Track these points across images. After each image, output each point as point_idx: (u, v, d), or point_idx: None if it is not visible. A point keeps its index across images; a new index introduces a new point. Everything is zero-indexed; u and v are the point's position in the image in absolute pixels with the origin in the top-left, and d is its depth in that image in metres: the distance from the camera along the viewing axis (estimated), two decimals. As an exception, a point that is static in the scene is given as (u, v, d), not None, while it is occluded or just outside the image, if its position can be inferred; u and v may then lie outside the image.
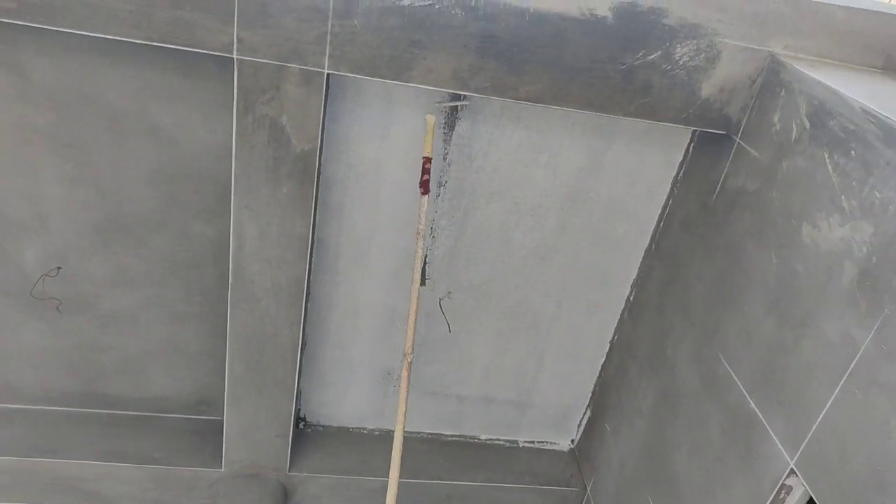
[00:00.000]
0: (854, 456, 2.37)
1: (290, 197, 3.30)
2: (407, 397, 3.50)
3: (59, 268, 3.74)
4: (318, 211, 3.62)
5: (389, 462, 4.51)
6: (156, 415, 4.42)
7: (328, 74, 2.98)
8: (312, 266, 3.84)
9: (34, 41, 3.10)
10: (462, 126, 3.56)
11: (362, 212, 3.77)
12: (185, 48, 2.85)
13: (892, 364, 2.25)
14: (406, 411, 3.52)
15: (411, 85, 3.01)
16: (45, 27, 2.76)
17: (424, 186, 3.56)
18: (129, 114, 3.34)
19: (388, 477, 4.43)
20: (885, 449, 2.24)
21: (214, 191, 3.62)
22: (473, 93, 3.04)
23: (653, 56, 2.99)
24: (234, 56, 2.87)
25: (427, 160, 3.56)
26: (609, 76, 3.02)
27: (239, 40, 2.83)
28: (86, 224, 3.64)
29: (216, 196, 3.63)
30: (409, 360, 3.49)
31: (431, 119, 3.54)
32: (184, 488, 4.31)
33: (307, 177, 3.25)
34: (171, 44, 2.83)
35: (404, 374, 3.51)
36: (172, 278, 3.90)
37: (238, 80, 2.95)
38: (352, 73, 2.95)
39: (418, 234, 3.54)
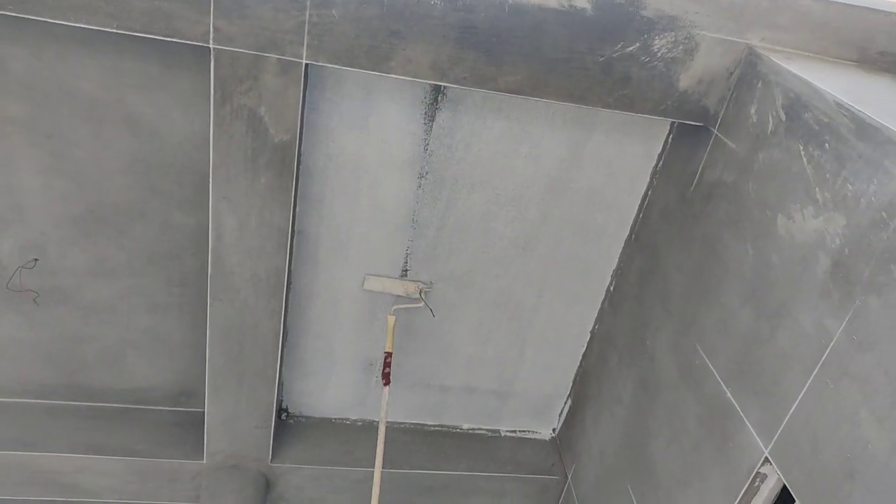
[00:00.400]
0: (826, 445, 2.41)
1: (268, 188, 3.29)
2: None
3: (36, 259, 3.71)
4: (297, 202, 3.61)
5: (372, 452, 4.55)
6: (136, 407, 4.40)
7: (306, 64, 2.97)
8: (292, 257, 3.83)
9: (9, 30, 3.05)
10: (443, 117, 3.56)
11: (342, 202, 3.76)
12: (162, 38, 2.82)
13: (862, 355, 2.29)
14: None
15: (391, 76, 3.00)
16: (20, 16, 2.72)
17: (385, 378, 3.93)
18: (108, 104, 3.30)
19: (371, 468, 4.47)
20: (855, 438, 2.28)
21: (194, 181, 3.59)
22: (453, 83, 3.03)
23: (631, 48, 2.99)
24: (211, 46, 2.84)
25: (388, 355, 4.03)
26: (588, 67, 3.03)
27: (215, 30, 2.80)
28: (64, 215, 3.61)
29: (195, 186, 3.61)
30: None
31: (392, 319, 4.03)
32: (165, 480, 4.30)
33: (286, 167, 3.24)
34: (148, 33, 2.80)
35: None
36: (152, 269, 3.88)
37: (215, 70, 2.93)
38: (330, 63, 2.93)
39: (380, 420, 3.80)
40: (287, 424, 4.59)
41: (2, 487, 4.16)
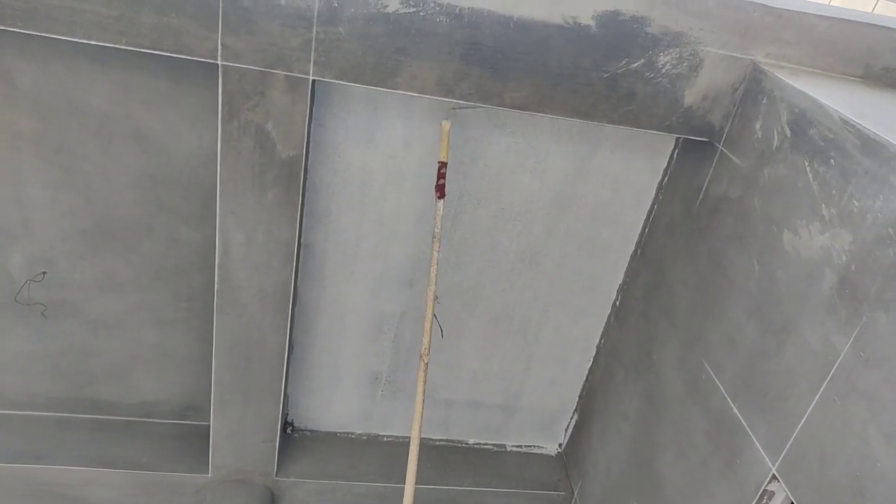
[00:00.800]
0: (834, 462, 2.40)
1: (276, 203, 3.31)
2: (423, 399, 3.43)
3: (44, 273, 3.74)
4: (304, 217, 3.63)
5: (377, 467, 4.55)
6: (142, 420, 4.41)
7: (313, 81, 2.99)
8: (299, 271, 3.84)
9: (19, 46, 3.09)
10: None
11: (349, 217, 3.78)
12: (171, 54, 2.85)
13: (870, 371, 2.27)
14: (422, 413, 3.46)
15: (397, 92, 3.02)
16: (30, 33, 2.75)
17: (440, 191, 3.53)
18: (116, 119, 3.34)
19: (376, 483, 4.47)
20: (864, 455, 2.26)
21: (201, 196, 3.62)
22: (458, 99, 3.05)
23: (636, 64, 3.01)
24: (219, 62, 2.87)
25: (442, 165, 3.55)
26: (593, 84, 3.04)
27: (223, 46, 2.83)
28: (72, 229, 3.64)
29: (202, 202, 3.63)
30: (426, 360, 3.39)
31: (447, 125, 3.52)
32: (170, 494, 4.30)
33: (293, 183, 3.26)
34: (157, 50, 2.83)
35: (420, 375, 3.42)
36: (160, 284, 3.90)
37: (223, 86, 2.95)
38: (337, 79, 2.96)
39: (434, 237, 3.51)
40: (292, 439, 4.59)
41: (8, 500, 4.17)
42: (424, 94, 3.03)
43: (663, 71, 3.03)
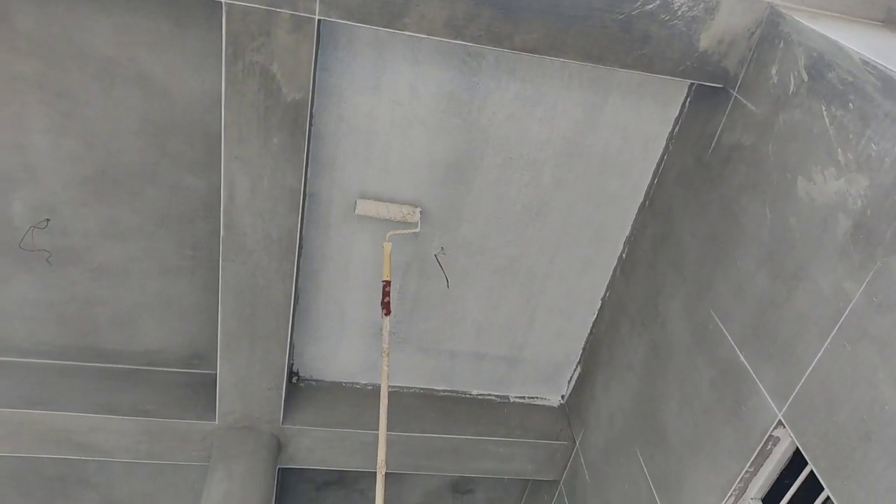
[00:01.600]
0: (841, 407, 2.40)
1: (281, 148, 3.26)
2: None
3: (47, 220, 3.71)
4: (309, 164, 3.58)
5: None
6: (148, 368, 4.43)
7: (319, 20, 2.92)
8: (304, 219, 3.81)
9: (17, -16, 3.02)
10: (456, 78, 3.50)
11: (354, 165, 3.73)
12: (173, -8, 2.78)
13: (882, 316, 2.26)
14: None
15: (405, 33, 2.95)
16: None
17: (386, 308, 3.74)
18: (119, 62, 3.27)
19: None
20: (872, 399, 2.27)
21: (205, 143, 3.57)
22: (469, 41, 2.98)
23: (651, 5, 2.93)
24: (223, 0, 2.80)
25: (386, 283, 3.79)
26: (607, 26, 2.97)
27: (228, -16, 2.76)
28: (75, 175, 3.59)
29: (206, 149, 3.58)
30: (384, 472, 3.23)
31: (388, 246, 3.82)
32: (177, 440, 4.34)
33: (298, 127, 3.21)
34: (159, -12, 2.76)
35: (378, 485, 3.24)
36: (164, 231, 3.88)
37: (227, 26, 2.88)
38: (343, 19, 2.88)
39: (383, 352, 3.61)
40: (298, 388, 4.61)
41: (16, 445, 4.21)
42: (433, 36, 2.96)
43: (679, 13, 2.95)
